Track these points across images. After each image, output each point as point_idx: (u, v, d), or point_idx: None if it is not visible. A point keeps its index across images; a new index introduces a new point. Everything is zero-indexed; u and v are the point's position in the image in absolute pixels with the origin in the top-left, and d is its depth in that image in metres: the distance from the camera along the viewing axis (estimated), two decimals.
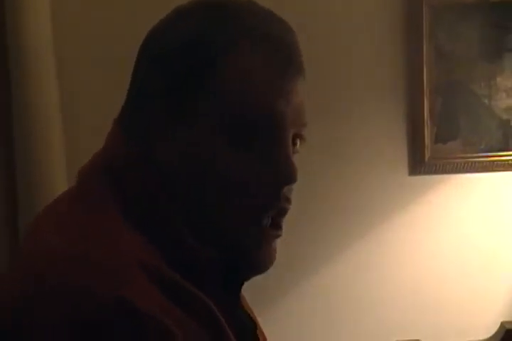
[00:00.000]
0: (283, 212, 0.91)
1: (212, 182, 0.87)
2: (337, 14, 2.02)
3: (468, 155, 2.05)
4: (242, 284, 0.95)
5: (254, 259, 0.91)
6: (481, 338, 2.07)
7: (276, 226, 0.91)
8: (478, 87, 2.03)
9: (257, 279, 0.94)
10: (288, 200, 0.91)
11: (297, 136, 0.91)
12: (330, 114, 2.02)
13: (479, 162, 2.05)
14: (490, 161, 2.05)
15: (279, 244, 0.93)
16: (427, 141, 2.04)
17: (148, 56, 0.92)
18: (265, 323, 1.06)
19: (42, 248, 0.83)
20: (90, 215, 0.86)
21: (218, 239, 0.88)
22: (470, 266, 2.09)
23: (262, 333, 1.02)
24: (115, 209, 0.86)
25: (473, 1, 2.01)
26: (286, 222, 0.93)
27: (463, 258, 2.09)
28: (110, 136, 0.94)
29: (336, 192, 2.04)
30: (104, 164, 0.91)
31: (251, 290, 1.01)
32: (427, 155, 2.04)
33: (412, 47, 2.03)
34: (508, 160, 2.05)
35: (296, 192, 0.93)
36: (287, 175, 0.88)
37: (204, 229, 0.88)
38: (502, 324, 2.04)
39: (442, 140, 2.05)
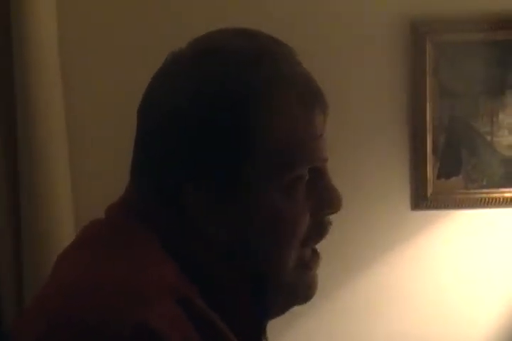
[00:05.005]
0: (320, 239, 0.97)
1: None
2: (339, 50, 2.04)
3: (471, 191, 2.06)
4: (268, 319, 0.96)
5: (299, 291, 0.95)
6: None
7: (315, 253, 0.97)
8: (480, 123, 2.04)
9: None
10: (330, 224, 0.98)
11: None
12: (331, 149, 2.03)
13: (481, 198, 2.05)
14: (491, 197, 2.05)
15: None
16: (430, 176, 2.05)
17: (160, 111, 0.92)
18: None
19: (76, 281, 0.85)
20: (129, 249, 0.88)
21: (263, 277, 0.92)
22: (471, 301, 2.09)
23: None
24: (155, 243, 0.89)
25: (477, 39, 2.03)
26: None
27: (464, 294, 2.09)
28: (134, 181, 0.96)
29: (337, 226, 2.05)
30: (134, 206, 0.93)
31: None
32: (430, 190, 2.06)
33: (416, 83, 2.04)
34: (509, 197, 2.05)
35: None
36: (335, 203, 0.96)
37: (246, 266, 0.91)
38: None
39: (445, 175, 2.06)
